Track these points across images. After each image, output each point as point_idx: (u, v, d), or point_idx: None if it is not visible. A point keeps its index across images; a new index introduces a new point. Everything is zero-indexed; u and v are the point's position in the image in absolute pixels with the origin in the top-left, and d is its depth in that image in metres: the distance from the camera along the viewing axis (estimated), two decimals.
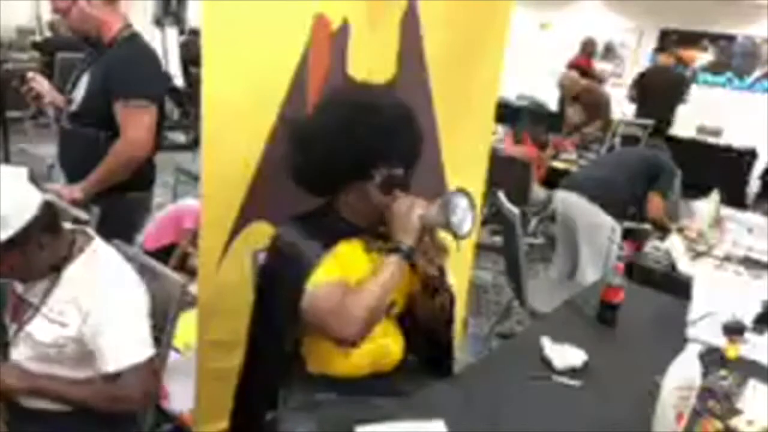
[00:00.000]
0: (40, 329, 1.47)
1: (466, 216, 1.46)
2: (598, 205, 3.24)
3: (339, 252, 1.53)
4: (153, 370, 1.52)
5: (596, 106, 5.49)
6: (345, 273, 1.51)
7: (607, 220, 3.20)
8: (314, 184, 1.59)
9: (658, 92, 6.43)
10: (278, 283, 1.55)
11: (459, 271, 2.55)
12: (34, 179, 1.43)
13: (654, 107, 6.37)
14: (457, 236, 1.46)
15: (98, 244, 1.55)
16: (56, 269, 1.47)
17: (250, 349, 1.66)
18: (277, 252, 1.58)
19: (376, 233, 1.58)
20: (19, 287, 1.53)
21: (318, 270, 1.47)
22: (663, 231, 3.20)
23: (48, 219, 1.41)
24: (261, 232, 1.87)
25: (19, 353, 1.51)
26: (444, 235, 1.53)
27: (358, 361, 1.58)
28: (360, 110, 1.49)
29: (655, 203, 3.32)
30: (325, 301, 1.45)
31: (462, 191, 1.47)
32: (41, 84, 2.45)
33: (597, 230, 3.23)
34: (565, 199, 3.42)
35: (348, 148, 1.47)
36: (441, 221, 1.45)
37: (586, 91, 5.57)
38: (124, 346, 1.45)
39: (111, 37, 2.26)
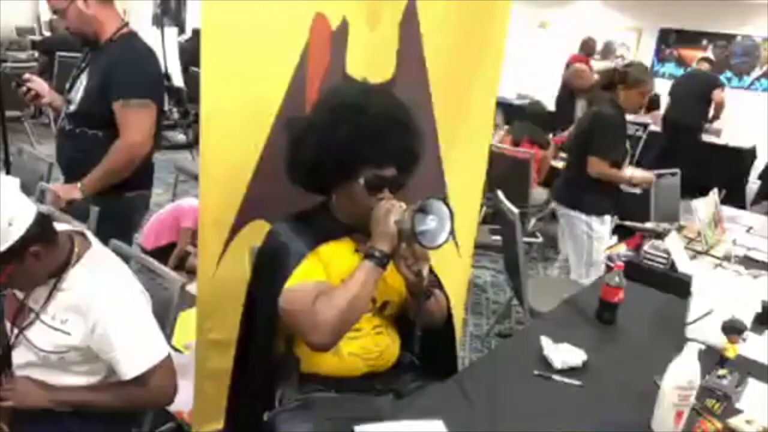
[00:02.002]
0: (40, 336, 1.47)
1: (442, 225, 1.42)
2: (568, 204, 3.29)
3: (323, 251, 1.53)
4: (170, 366, 1.53)
5: (599, 102, 5.48)
6: (328, 273, 1.51)
7: (577, 216, 3.22)
8: (305, 182, 1.59)
9: (684, 97, 6.44)
10: (264, 280, 1.55)
11: (458, 270, 2.55)
12: (28, 189, 1.42)
13: (682, 113, 6.39)
14: (423, 246, 1.42)
15: (97, 248, 1.54)
16: (56, 275, 1.47)
17: (239, 348, 1.66)
18: (266, 249, 1.59)
19: (368, 234, 1.55)
20: (19, 292, 1.53)
21: (298, 269, 1.47)
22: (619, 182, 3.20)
23: (43, 230, 1.39)
24: (260, 231, 1.87)
25: (21, 358, 1.51)
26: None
27: (350, 361, 1.58)
28: (344, 110, 1.49)
29: (592, 164, 3.10)
30: (296, 303, 1.44)
31: (440, 199, 1.43)
32: (39, 85, 2.45)
33: (574, 230, 3.27)
34: (556, 209, 3.49)
35: (332, 148, 1.47)
36: (407, 229, 1.39)
37: (596, 83, 5.60)
38: (139, 351, 1.46)
39: (108, 36, 2.26)
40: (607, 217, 3.26)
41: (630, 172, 3.30)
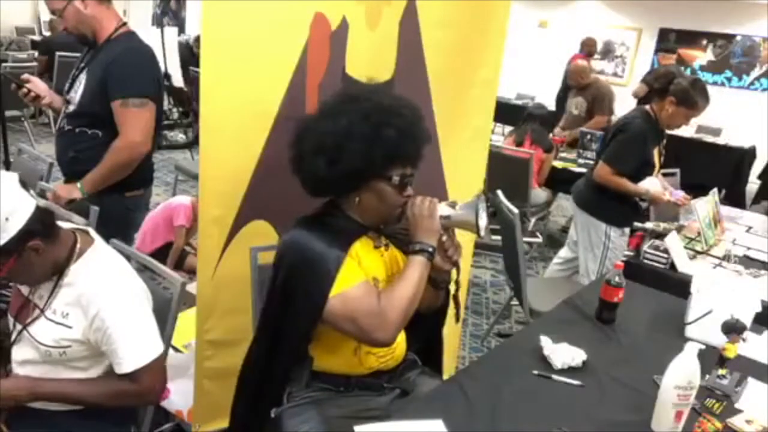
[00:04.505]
0: (43, 331, 1.47)
1: (485, 217, 1.54)
2: (588, 209, 3.20)
3: (355, 253, 1.53)
4: (163, 365, 1.53)
5: (600, 99, 5.50)
6: (365, 272, 1.52)
7: (597, 224, 3.14)
8: (337, 187, 1.54)
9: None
10: (301, 291, 1.50)
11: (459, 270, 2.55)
12: (25, 184, 1.42)
13: None
14: (479, 236, 1.55)
15: (99, 245, 1.55)
16: (59, 271, 1.47)
17: (261, 351, 1.62)
18: (297, 262, 1.51)
19: (378, 230, 1.61)
20: (24, 288, 1.53)
21: (341, 274, 1.46)
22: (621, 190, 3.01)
23: (42, 225, 1.39)
24: (260, 231, 1.87)
25: (22, 354, 1.51)
26: (459, 233, 1.60)
27: (365, 358, 1.59)
28: (383, 114, 1.47)
29: (599, 168, 3.06)
30: (358, 305, 1.45)
31: (481, 194, 1.55)
32: (38, 85, 2.45)
33: (591, 236, 3.18)
34: (574, 212, 3.39)
35: (376, 150, 1.45)
36: (470, 223, 1.51)
37: (594, 82, 5.62)
38: (136, 346, 1.46)
39: (107, 36, 2.26)
40: (627, 230, 3.15)
41: (644, 186, 3.06)
